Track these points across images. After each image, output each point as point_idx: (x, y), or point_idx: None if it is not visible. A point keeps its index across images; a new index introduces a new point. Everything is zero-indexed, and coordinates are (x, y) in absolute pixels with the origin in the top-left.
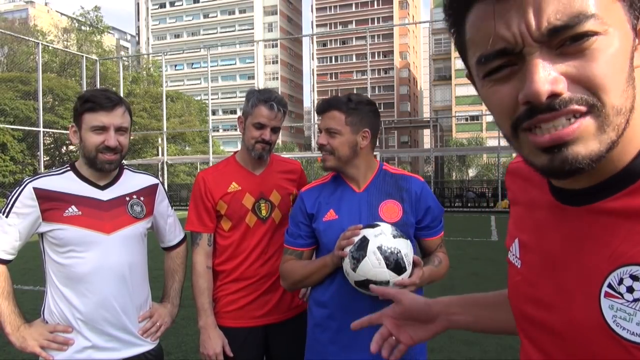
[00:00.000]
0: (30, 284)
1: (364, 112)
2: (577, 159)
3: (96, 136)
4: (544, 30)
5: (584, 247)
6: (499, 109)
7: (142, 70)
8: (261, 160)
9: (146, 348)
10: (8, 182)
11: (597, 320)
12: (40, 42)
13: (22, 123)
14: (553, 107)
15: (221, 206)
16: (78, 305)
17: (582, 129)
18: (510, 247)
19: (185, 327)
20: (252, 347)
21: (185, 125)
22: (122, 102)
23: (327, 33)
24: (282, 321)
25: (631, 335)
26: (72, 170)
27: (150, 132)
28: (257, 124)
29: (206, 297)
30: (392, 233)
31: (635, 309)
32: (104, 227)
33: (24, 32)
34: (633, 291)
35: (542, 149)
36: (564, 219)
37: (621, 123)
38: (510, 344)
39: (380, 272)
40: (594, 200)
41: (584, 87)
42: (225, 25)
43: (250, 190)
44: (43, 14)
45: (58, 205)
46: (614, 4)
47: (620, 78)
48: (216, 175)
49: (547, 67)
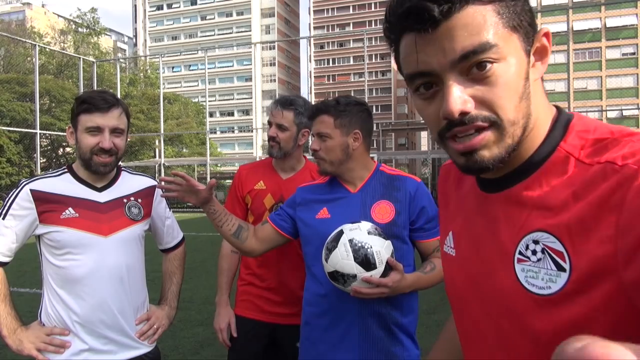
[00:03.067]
0: (27, 286)
1: (353, 113)
2: (484, 161)
3: (91, 138)
4: (456, 57)
5: (500, 226)
6: (428, 121)
7: (140, 72)
8: (285, 162)
9: (143, 351)
10: (4, 183)
11: (514, 283)
12: (37, 44)
13: (19, 125)
14: (464, 122)
15: (247, 200)
16: (75, 308)
17: (485, 139)
18: (445, 241)
19: (183, 330)
20: (256, 339)
21: (182, 127)
22: (119, 103)
23: (324, 35)
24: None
25: (539, 289)
26: (69, 172)
27: (148, 134)
28: (267, 122)
29: (224, 276)
30: (369, 230)
31: (539, 267)
32: (101, 229)
33: (20, 34)
34: (536, 253)
35: (459, 153)
36: (486, 205)
37: (516, 131)
38: None
39: (348, 265)
40: (507, 187)
41: (486, 107)
42: (222, 27)
43: (273, 191)
44: (40, 16)
45: (55, 208)
46: (511, 37)
47: (515, 97)
48: (250, 171)
49: (459, 91)
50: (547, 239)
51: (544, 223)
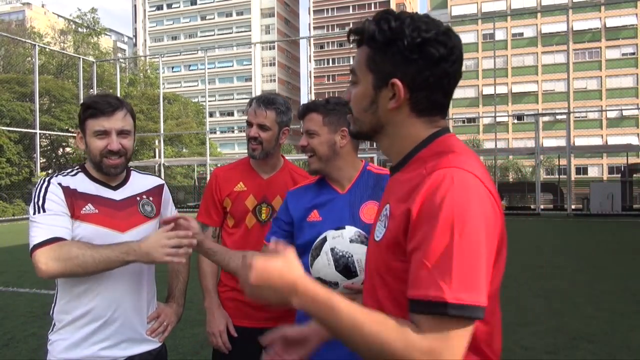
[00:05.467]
0: (27, 286)
1: (342, 112)
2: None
3: (99, 141)
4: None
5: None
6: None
7: (139, 72)
8: (265, 162)
9: (152, 346)
10: (4, 183)
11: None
12: (37, 44)
13: (19, 125)
14: None
15: (227, 203)
16: (89, 303)
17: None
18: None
19: (183, 330)
20: (248, 347)
21: (182, 127)
22: (124, 105)
23: (324, 35)
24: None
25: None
26: (82, 171)
27: (147, 134)
28: (247, 122)
29: (209, 279)
30: (351, 237)
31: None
32: (119, 225)
33: (20, 34)
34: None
35: None
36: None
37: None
38: (507, 346)
39: (330, 273)
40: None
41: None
42: (222, 27)
43: (254, 192)
44: (40, 16)
45: (76, 203)
46: (368, 74)
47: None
48: (227, 173)
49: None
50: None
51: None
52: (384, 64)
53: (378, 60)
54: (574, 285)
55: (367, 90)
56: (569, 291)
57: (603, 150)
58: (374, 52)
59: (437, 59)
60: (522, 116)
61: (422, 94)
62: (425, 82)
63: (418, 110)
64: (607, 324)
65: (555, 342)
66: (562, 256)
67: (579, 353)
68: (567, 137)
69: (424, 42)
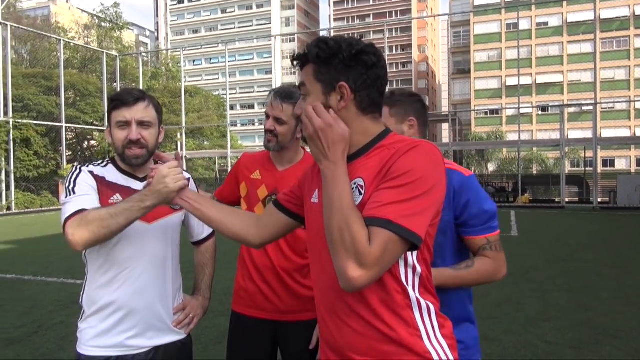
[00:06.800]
0: (55, 276)
1: (407, 103)
2: None
3: (121, 132)
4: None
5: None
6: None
7: (161, 66)
8: (282, 155)
9: (178, 337)
10: (32, 176)
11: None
12: (62, 39)
13: (45, 118)
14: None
15: (243, 189)
16: (116, 292)
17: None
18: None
19: (204, 320)
20: (259, 339)
21: (203, 120)
22: (146, 97)
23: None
24: (293, 322)
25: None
26: (112, 163)
27: (170, 127)
28: (265, 114)
29: None
30: None
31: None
32: (145, 216)
33: (46, 29)
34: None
35: None
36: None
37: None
38: (530, 341)
39: None
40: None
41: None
42: (242, 20)
43: (267, 183)
44: (64, 11)
45: (105, 192)
46: (317, 84)
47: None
48: (250, 160)
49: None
50: (360, 182)
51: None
52: (329, 74)
53: (324, 71)
54: (600, 280)
55: (319, 97)
56: (594, 285)
57: (631, 142)
58: (318, 66)
59: (371, 65)
60: (547, 107)
61: (364, 93)
62: (364, 83)
63: (362, 108)
64: (634, 320)
65: (579, 337)
66: (587, 250)
67: (604, 349)
68: (594, 129)
69: (358, 53)
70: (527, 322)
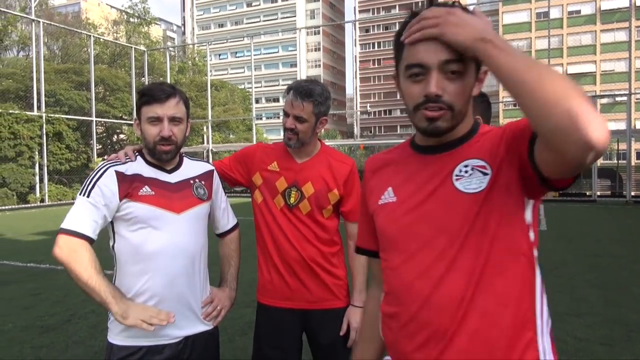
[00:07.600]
0: None
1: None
2: (439, 128)
3: (152, 127)
4: (439, 61)
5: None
6: (411, 96)
7: (188, 60)
8: (300, 149)
9: (206, 327)
10: (64, 169)
11: (453, 191)
12: (92, 35)
13: (76, 113)
14: (436, 100)
15: (257, 178)
16: (146, 282)
17: (443, 115)
18: (381, 196)
19: (230, 312)
20: (288, 329)
21: (229, 113)
22: (177, 93)
23: (369, 19)
24: (322, 310)
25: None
26: (140, 156)
27: (196, 121)
28: (283, 111)
29: None
30: None
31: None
32: (174, 206)
33: (76, 26)
34: (467, 171)
35: (426, 118)
36: (428, 162)
37: (460, 118)
38: (559, 337)
39: None
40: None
41: (448, 96)
42: (267, 13)
43: (286, 175)
44: (94, 7)
45: (134, 185)
46: (471, 64)
47: (464, 98)
48: (267, 150)
49: (438, 81)
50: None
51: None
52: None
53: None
54: (632, 276)
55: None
56: (627, 281)
57: None
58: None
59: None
60: None
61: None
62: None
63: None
64: None
65: (611, 334)
66: (620, 245)
67: (637, 346)
68: (628, 120)
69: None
70: (556, 318)
